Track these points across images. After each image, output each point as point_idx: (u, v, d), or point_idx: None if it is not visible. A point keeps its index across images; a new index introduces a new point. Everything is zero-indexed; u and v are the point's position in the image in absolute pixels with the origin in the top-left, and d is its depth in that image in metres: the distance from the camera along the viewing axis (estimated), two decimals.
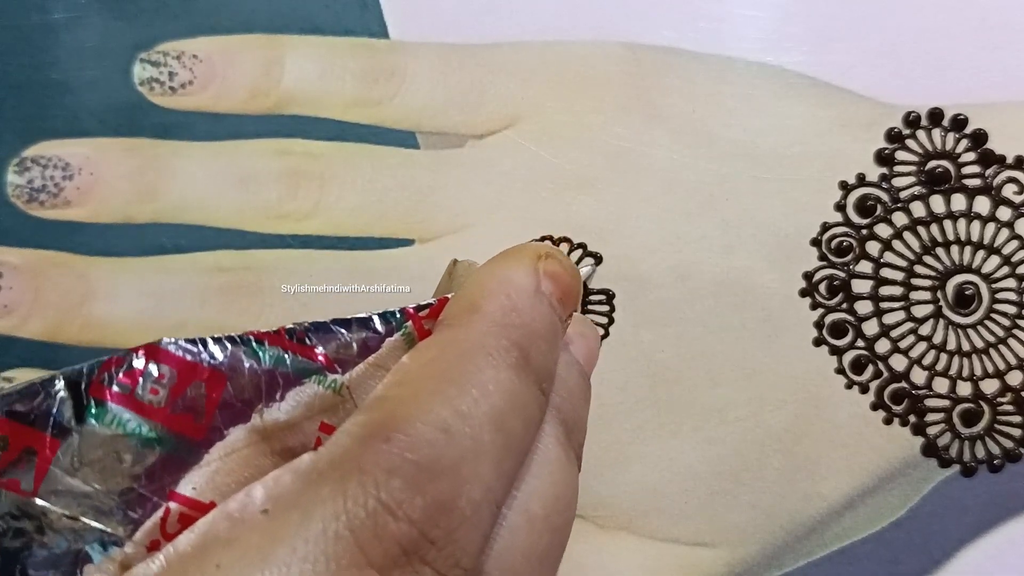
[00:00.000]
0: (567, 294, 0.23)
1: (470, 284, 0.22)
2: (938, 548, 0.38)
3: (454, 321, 0.21)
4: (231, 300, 0.39)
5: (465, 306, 0.21)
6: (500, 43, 0.40)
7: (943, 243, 0.39)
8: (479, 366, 0.20)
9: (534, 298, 0.22)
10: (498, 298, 0.22)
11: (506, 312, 0.21)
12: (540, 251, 0.24)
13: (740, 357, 0.39)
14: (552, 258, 0.23)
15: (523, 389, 0.20)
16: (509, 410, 0.20)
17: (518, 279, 0.22)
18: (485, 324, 0.21)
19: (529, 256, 0.23)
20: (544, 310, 0.22)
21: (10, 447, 0.18)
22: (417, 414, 0.18)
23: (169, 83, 0.40)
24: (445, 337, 0.21)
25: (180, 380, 0.19)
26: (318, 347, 0.20)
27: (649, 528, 0.39)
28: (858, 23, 0.39)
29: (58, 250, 0.40)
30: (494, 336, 0.21)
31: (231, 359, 0.19)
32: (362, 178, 0.39)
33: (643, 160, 0.39)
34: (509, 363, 0.20)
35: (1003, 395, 0.38)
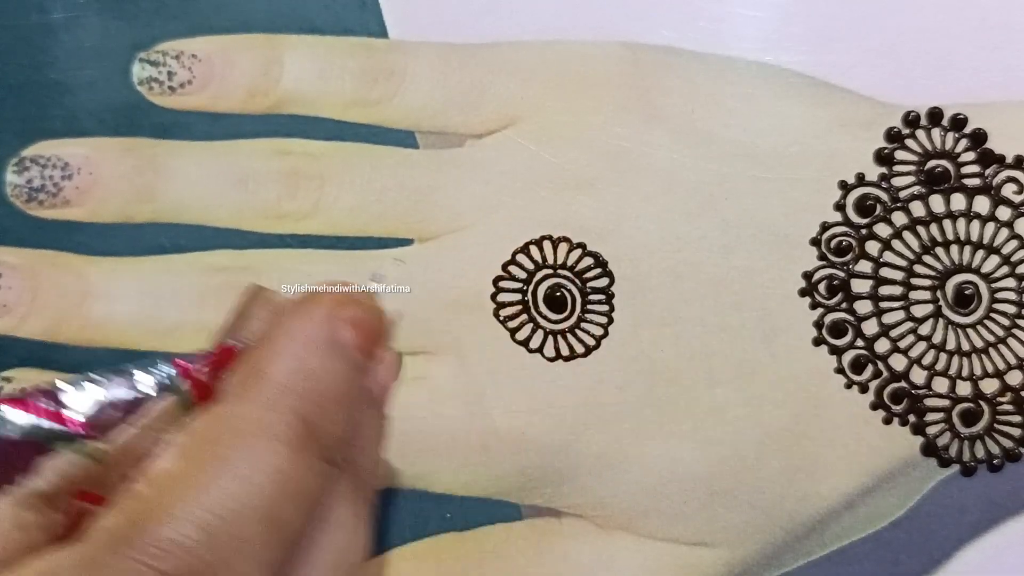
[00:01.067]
0: (371, 340, 0.21)
1: (259, 340, 0.20)
2: (938, 548, 0.38)
3: (236, 391, 0.20)
4: (230, 300, 0.39)
5: (248, 371, 0.20)
6: (499, 43, 0.40)
7: (943, 243, 0.39)
8: (253, 450, 0.18)
9: (328, 355, 0.20)
10: (285, 360, 0.20)
11: (293, 377, 0.20)
12: (339, 298, 0.21)
13: (739, 357, 0.39)
14: (353, 304, 0.21)
15: (303, 469, 0.19)
16: (282, 498, 0.18)
17: (310, 333, 0.20)
18: (267, 394, 0.19)
19: (324, 304, 0.21)
20: (340, 368, 0.20)
21: None
22: (176, 512, 0.17)
23: (168, 83, 0.40)
24: (221, 412, 0.19)
25: None
26: (73, 411, 0.18)
27: (648, 528, 0.39)
28: (858, 23, 0.39)
29: (57, 250, 0.40)
30: (276, 410, 0.19)
31: None
32: (361, 178, 0.39)
33: (643, 160, 0.39)
34: (289, 441, 0.19)
35: (1003, 395, 0.38)
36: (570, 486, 0.39)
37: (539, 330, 0.39)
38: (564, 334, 0.39)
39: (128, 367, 0.19)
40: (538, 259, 0.39)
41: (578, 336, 0.39)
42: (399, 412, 0.39)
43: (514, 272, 0.39)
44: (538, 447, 0.39)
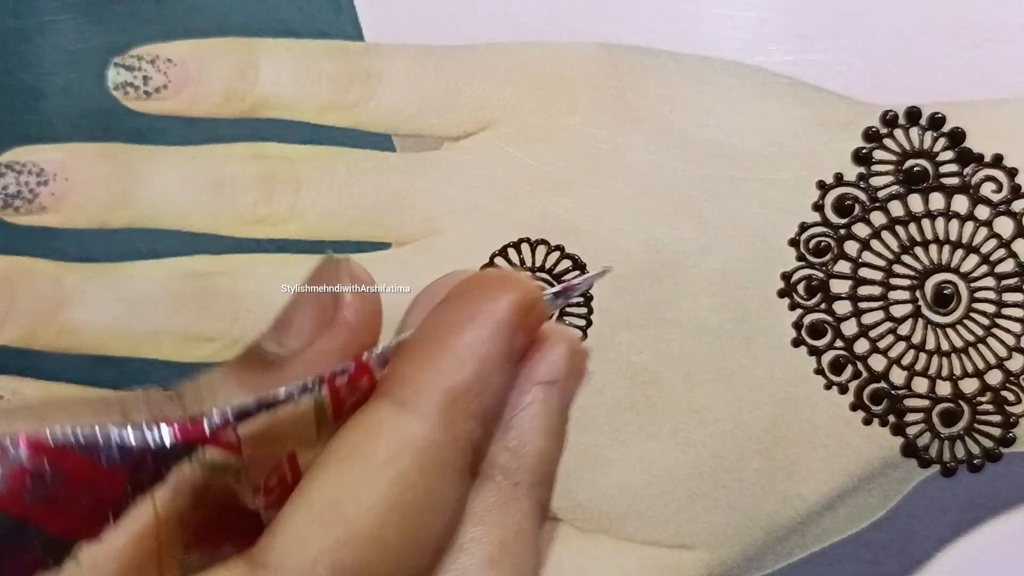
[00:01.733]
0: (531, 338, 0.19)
1: (434, 337, 0.19)
2: (918, 548, 0.38)
3: (415, 400, 0.18)
4: (208, 305, 0.39)
5: (428, 382, 0.18)
6: (476, 44, 0.39)
7: (922, 242, 0.39)
8: (434, 481, 0.17)
9: (504, 369, 0.18)
10: (465, 375, 0.18)
11: (473, 396, 0.18)
12: (523, 301, 0.19)
13: (718, 358, 0.39)
14: (535, 309, 0.19)
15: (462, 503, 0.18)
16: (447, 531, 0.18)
17: (494, 348, 0.18)
18: (449, 416, 0.18)
19: (512, 310, 0.19)
20: (509, 379, 0.19)
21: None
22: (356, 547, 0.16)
23: (143, 87, 0.40)
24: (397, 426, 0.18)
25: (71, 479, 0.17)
26: (231, 434, 0.18)
27: (628, 531, 0.38)
28: (835, 23, 0.39)
29: (33, 256, 0.40)
30: (454, 434, 0.18)
31: (131, 455, 0.17)
32: (337, 182, 0.39)
33: (620, 161, 0.39)
34: (461, 472, 0.18)
35: (983, 394, 0.38)
36: None
37: None
38: None
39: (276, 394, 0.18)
40: (516, 262, 0.39)
41: None
42: None
43: None
44: None
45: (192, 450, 0.18)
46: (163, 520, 0.18)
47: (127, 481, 0.17)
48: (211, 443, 0.18)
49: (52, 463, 0.17)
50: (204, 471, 0.18)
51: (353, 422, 0.18)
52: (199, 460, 0.18)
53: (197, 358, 0.39)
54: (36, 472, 0.17)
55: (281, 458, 0.18)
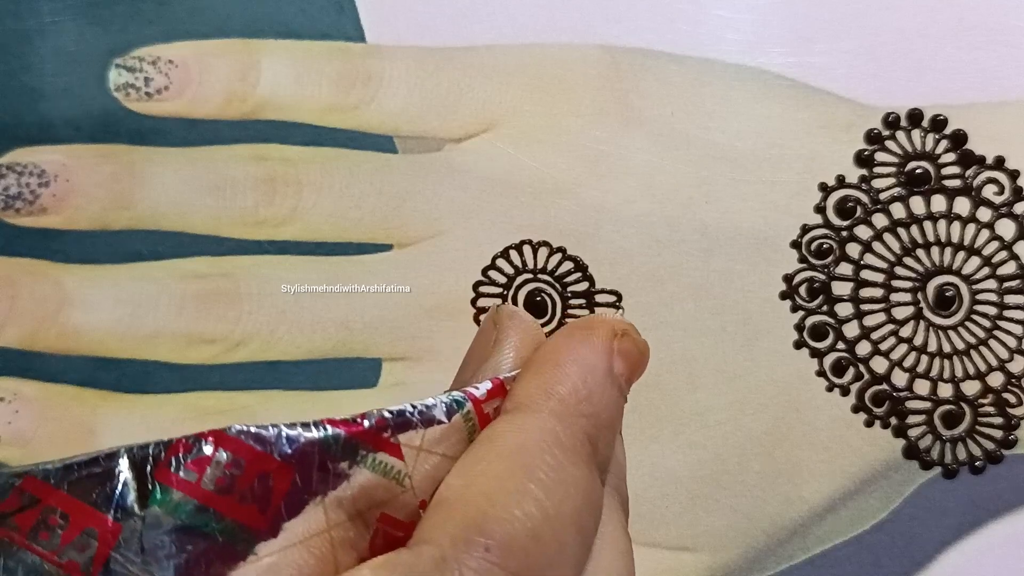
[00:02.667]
0: (635, 373, 0.23)
1: (545, 361, 0.22)
2: (920, 551, 0.38)
3: (529, 404, 0.21)
4: (208, 307, 0.39)
5: (541, 388, 0.21)
6: (477, 46, 0.39)
7: (923, 244, 0.39)
8: (559, 461, 0.19)
9: (607, 383, 0.22)
10: (572, 381, 0.21)
11: (580, 399, 0.21)
12: (616, 328, 0.23)
13: (720, 361, 0.38)
14: (628, 336, 0.23)
15: (595, 485, 0.20)
16: (586, 509, 0.20)
17: (593, 360, 0.22)
18: (561, 412, 0.20)
19: (606, 334, 0.22)
20: (614, 396, 0.22)
21: (71, 525, 0.18)
22: (507, 517, 0.18)
23: (145, 88, 0.40)
24: (521, 423, 0.20)
25: (248, 470, 0.18)
26: (392, 437, 0.19)
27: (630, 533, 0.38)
28: (837, 25, 0.39)
29: (34, 258, 0.40)
30: (569, 427, 0.20)
31: (302, 450, 0.19)
32: (339, 183, 0.39)
33: (621, 163, 0.39)
34: (584, 458, 0.20)
35: (984, 396, 0.38)
36: None
37: None
38: None
39: (423, 400, 0.20)
40: (518, 264, 0.39)
41: None
42: None
43: (494, 277, 0.39)
44: None
45: (356, 449, 0.19)
46: (335, 523, 0.19)
47: (296, 473, 0.18)
48: (373, 443, 0.19)
49: (231, 452, 0.18)
50: (368, 470, 0.19)
51: (484, 431, 0.21)
52: (364, 459, 0.19)
53: (198, 360, 0.39)
54: (217, 461, 0.18)
55: (444, 475, 0.20)
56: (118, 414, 0.39)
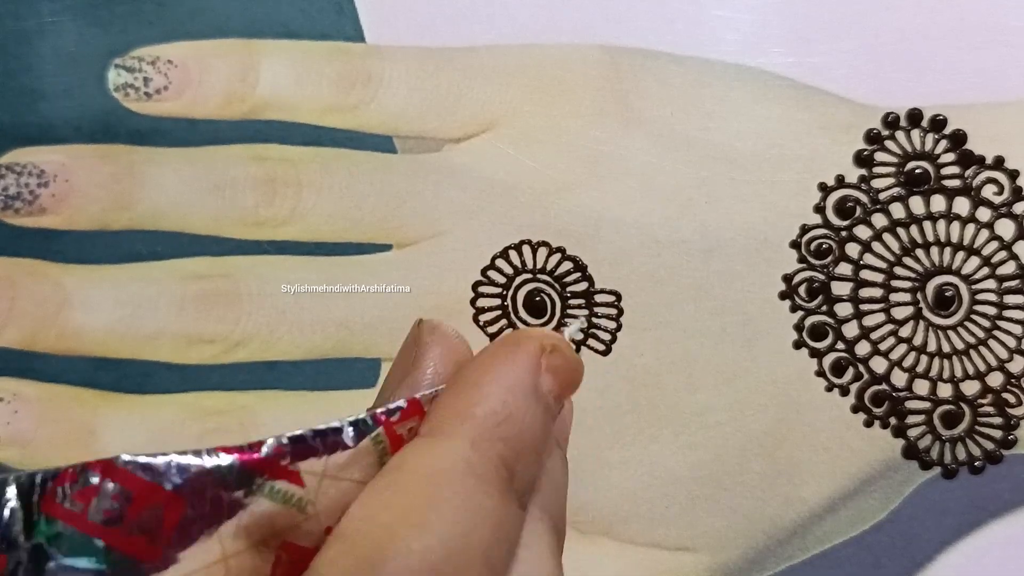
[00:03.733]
0: (566, 389, 0.22)
1: (464, 380, 0.21)
2: (919, 551, 0.38)
3: (443, 427, 0.20)
4: (208, 307, 0.39)
5: (456, 410, 0.20)
6: (477, 47, 0.39)
7: (923, 244, 0.39)
8: (469, 491, 0.19)
9: (530, 402, 0.20)
10: (491, 403, 0.20)
11: (499, 421, 0.20)
12: (544, 343, 0.21)
13: (720, 361, 0.38)
14: (557, 351, 0.21)
15: (509, 514, 0.19)
16: (496, 542, 0.19)
17: (516, 379, 0.20)
18: (475, 436, 0.19)
19: (532, 350, 0.21)
20: (539, 415, 0.21)
21: None
22: (404, 551, 0.17)
23: (144, 89, 0.40)
24: (431, 449, 0.19)
25: (136, 501, 0.18)
26: (291, 464, 0.19)
27: (629, 533, 0.38)
28: (836, 25, 0.39)
29: (34, 258, 0.40)
30: (484, 452, 0.19)
31: (194, 480, 0.18)
32: (338, 184, 0.39)
33: (621, 163, 0.39)
34: (497, 487, 0.19)
35: (984, 396, 0.38)
36: None
37: None
38: None
39: (329, 423, 0.20)
40: (517, 264, 0.39)
41: None
42: None
43: (493, 277, 0.39)
44: None
45: (252, 477, 0.18)
46: (232, 553, 0.18)
47: (187, 504, 0.18)
48: (270, 471, 0.18)
49: (118, 483, 0.18)
50: (266, 498, 0.18)
51: (394, 457, 0.20)
52: (260, 487, 0.18)
53: (198, 360, 0.39)
54: (104, 492, 0.17)
55: (350, 501, 0.19)
56: (118, 414, 0.39)
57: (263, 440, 0.19)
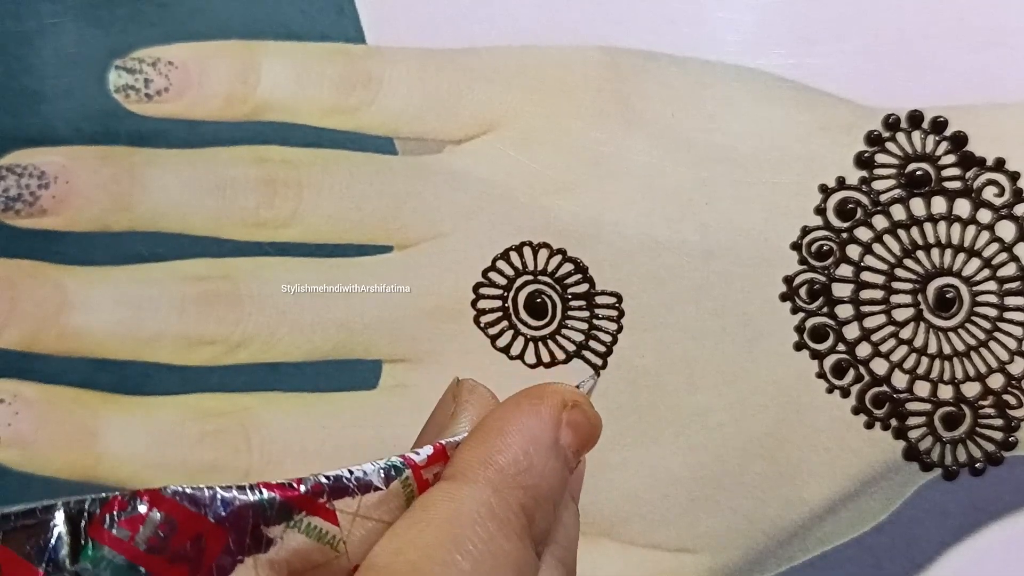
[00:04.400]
0: (584, 445, 0.23)
1: (489, 429, 0.21)
2: (920, 552, 0.38)
3: (467, 472, 0.20)
4: (209, 308, 0.39)
5: (481, 457, 0.21)
6: (477, 48, 0.39)
7: (924, 246, 0.39)
8: (491, 533, 0.19)
9: (550, 454, 0.21)
10: (515, 452, 0.21)
11: (520, 470, 0.21)
12: (567, 399, 0.22)
13: (720, 362, 0.38)
14: (578, 408, 0.22)
15: (527, 558, 0.20)
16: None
17: (538, 432, 0.21)
18: (498, 483, 0.20)
19: (555, 405, 0.22)
20: (557, 468, 0.21)
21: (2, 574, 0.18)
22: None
23: (145, 90, 0.40)
24: (456, 492, 0.20)
25: (181, 531, 0.18)
26: (328, 503, 0.20)
27: (630, 534, 0.38)
28: (837, 26, 0.39)
29: (34, 259, 0.40)
30: (504, 498, 0.20)
31: (237, 512, 0.19)
32: (339, 185, 0.39)
33: (622, 165, 0.39)
34: (516, 531, 0.20)
35: (984, 398, 0.38)
36: None
37: (519, 336, 0.39)
38: (545, 340, 0.39)
39: (363, 466, 0.21)
40: (518, 265, 0.39)
41: (559, 342, 0.39)
42: (378, 420, 0.39)
43: (494, 279, 0.39)
44: None
45: (291, 513, 0.19)
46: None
47: (229, 536, 0.19)
48: (308, 507, 0.19)
49: (165, 513, 0.18)
50: (303, 534, 0.19)
51: (420, 498, 0.21)
52: (298, 523, 0.19)
53: (198, 362, 0.39)
54: (151, 520, 0.18)
55: (376, 541, 0.20)
56: (118, 416, 0.39)
57: (303, 477, 0.19)
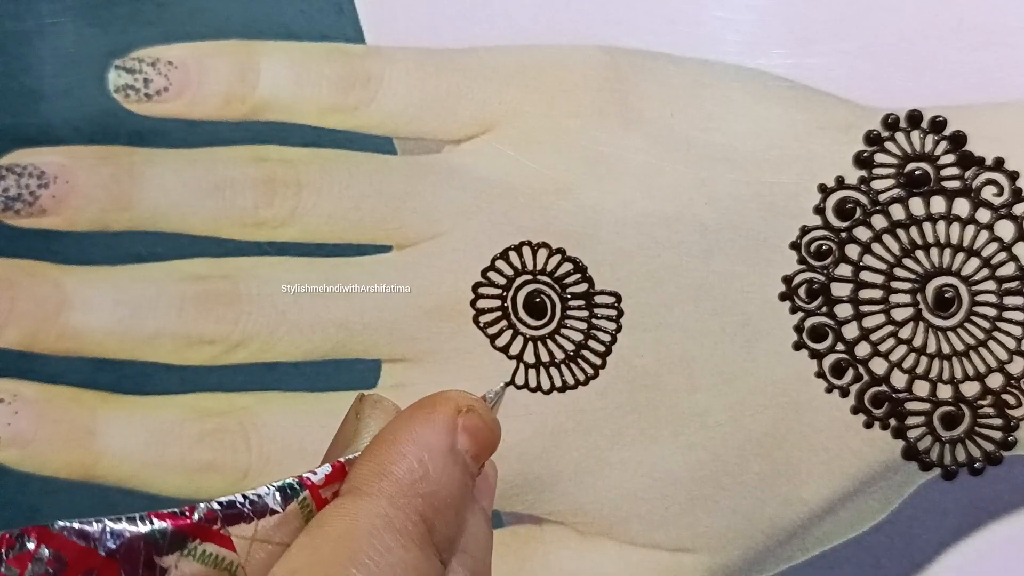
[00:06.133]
0: (484, 449, 0.22)
1: (382, 441, 0.21)
2: (919, 552, 0.38)
3: (362, 487, 0.20)
4: (208, 308, 0.39)
5: (375, 470, 0.21)
6: (477, 48, 0.39)
7: (923, 246, 0.39)
8: (388, 545, 0.19)
9: (447, 460, 0.21)
10: (409, 462, 0.21)
11: (416, 480, 0.20)
12: (460, 404, 0.22)
13: (719, 362, 0.38)
14: (472, 412, 0.22)
15: (428, 567, 0.20)
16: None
17: (432, 439, 0.21)
18: (393, 494, 0.20)
19: (448, 412, 0.22)
20: (456, 474, 0.21)
21: None
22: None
23: (144, 90, 0.40)
24: (351, 507, 0.20)
25: (71, 566, 0.18)
26: (223, 529, 0.19)
27: (629, 534, 0.38)
28: (836, 26, 0.39)
29: (34, 259, 0.40)
30: (402, 509, 0.20)
31: (128, 545, 0.19)
32: (338, 185, 0.39)
33: (621, 164, 0.39)
34: (415, 540, 0.20)
35: (983, 398, 0.38)
36: (551, 492, 0.39)
37: (519, 336, 0.39)
38: (544, 340, 0.39)
39: (257, 490, 0.20)
40: (517, 265, 0.39)
41: (558, 342, 0.39)
42: None
43: (493, 278, 0.39)
44: (518, 454, 0.38)
45: (184, 541, 0.19)
46: None
47: (121, 568, 0.18)
48: (202, 535, 0.19)
49: (54, 549, 0.18)
50: (197, 562, 0.19)
51: (316, 516, 0.20)
52: (192, 551, 0.19)
53: (197, 361, 0.39)
54: (39, 558, 0.18)
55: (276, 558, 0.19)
56: (117, 415, 0.39)
57: (195, 505, 0.19)
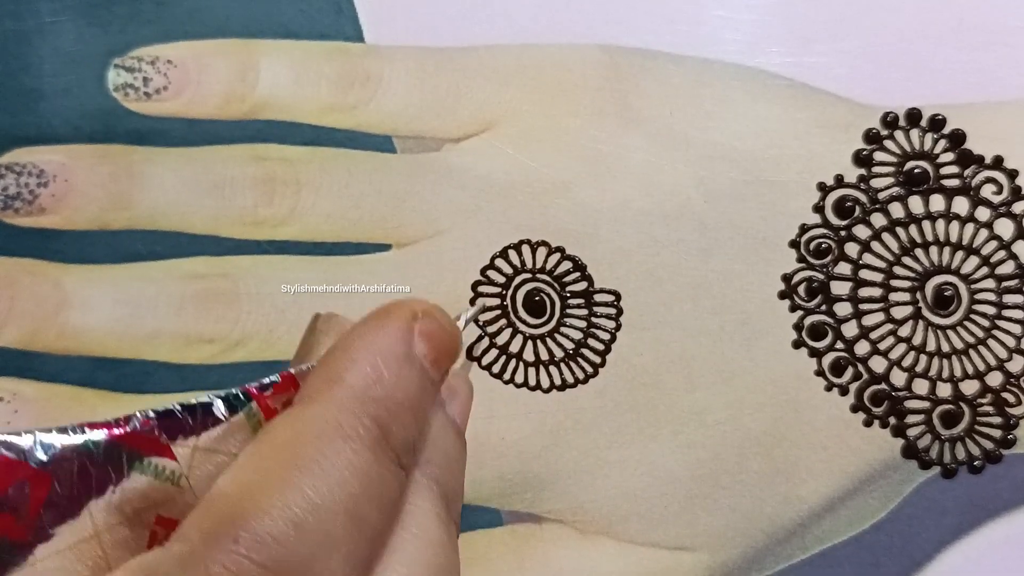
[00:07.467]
0: (443, 354, 0.22)
1: (335, 349, 0.21)
2: (919, 550, 0.38)
3: (312, 395, 0.20)
4: (207, 307, 0.39)
5: (326, 377, 0.20)
6: (476, 47, 0.39)
7: (922, 244, 0.39)
8: (335, 449, 0.19)
9: (402, 364, 0.21)
10: (362, 367, 0.20)
11: (369, 384, 0.20)
12: (415, 309, 0.22)
13: (719, 360, 0.39)
14: (428, 316, 0.22)
15: (380, 471, 0.19)
16: (364, 497, 0.19)
17: (386, 344, 0.21)
18: (344, 399, 0.20)
19: (402, 317, 0.21)
20: (412, 377, 0.21)
21: None
22: (266, 507, 0.17)
23: (144, 89, 0.40)
24: (299, 414, 0.20)
25: (2, 479, 0.18)
26: (161, 437, 0.19)
27: (629, 532, 0.39)
28: (836, 24, 0.39)
29: (33, 258, 0.40)
30: (353, 413, 0.20)
31: (59, 456, 0.18)
32: (338, 183, 0.39)
33: (620, 163, 0.39)
34: (367, 443, 0.19)
35: (983, 396, 0.38)
36: (550, 491, 0.39)
37: (518, 335, 0.39)
38: (543, 338, 0.39)
39: (199, 398, 0.20)
40: (517, 264, 0.39)
41: (557, 341, 0.39)
42: None
43: (493, 277, 0.39)
44: (518, 452, 0.38)
45: (120, 453, 0.19)
46: (106, 527, 0.18)
47: (54, 480, 0.18)
48: (139, 444, 0.19)
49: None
50: (137, 473, 0.19)
51: (265, 426, 0.20)
52: (131, 462, 0.19)
53: (197, 360, 0.39)
54: None
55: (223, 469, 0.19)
56: (117, 414, 0.39)
57: (129, 415, 0.19)
